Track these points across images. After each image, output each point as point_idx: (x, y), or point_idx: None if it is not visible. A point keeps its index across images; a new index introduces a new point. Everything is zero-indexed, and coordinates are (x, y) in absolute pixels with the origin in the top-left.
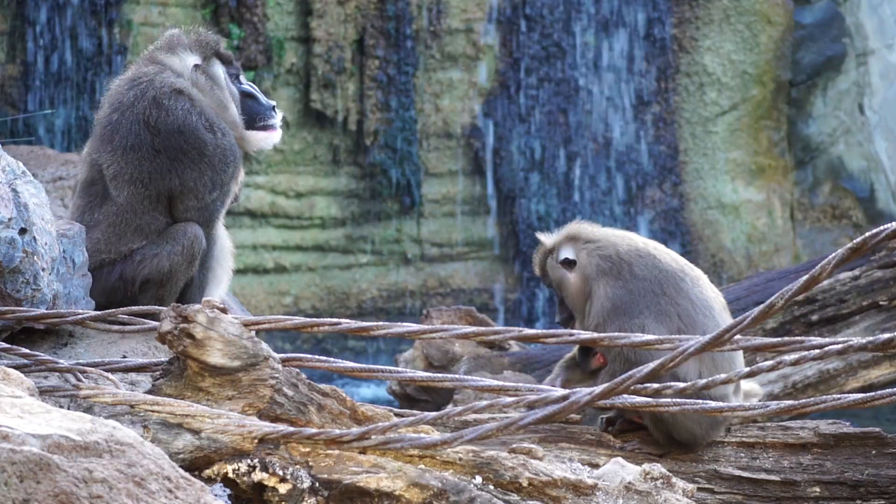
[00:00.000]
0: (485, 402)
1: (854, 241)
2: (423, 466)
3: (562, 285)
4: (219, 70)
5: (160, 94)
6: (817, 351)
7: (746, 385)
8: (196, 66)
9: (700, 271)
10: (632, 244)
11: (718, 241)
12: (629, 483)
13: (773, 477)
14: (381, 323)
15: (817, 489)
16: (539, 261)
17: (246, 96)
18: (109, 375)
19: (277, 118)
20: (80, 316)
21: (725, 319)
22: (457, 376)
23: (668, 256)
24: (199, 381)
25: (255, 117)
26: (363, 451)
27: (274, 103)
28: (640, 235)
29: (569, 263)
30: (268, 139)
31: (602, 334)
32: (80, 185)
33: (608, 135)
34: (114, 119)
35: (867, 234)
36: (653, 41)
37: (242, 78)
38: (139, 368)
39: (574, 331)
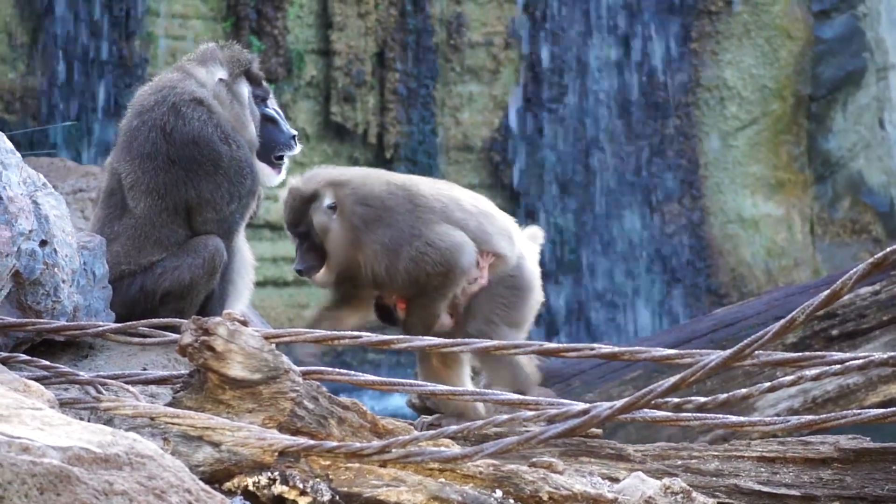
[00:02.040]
0: (505, 416)
1: (875, 257)
2: (443, 480)
3: (328, 234)
4: (244, 88)
5: (180, 101)
6: (838, 366)
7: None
8: (221, 79)
9: (459, 191)
10: (387, 183)
11: (738, 256)
12: (649, 497)
13: (793, 492)
14: (401, 336)
15: None
16: (297, 207)
17: (267, 120)
18: (130, 388)
19: (296, 149)
20: (101, 328)
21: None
22: (477, 390)
23: (425, 187)
24: (219, 393)
25: (270, 146)
26: (383, 464)
27: (296, 133)
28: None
29: (333, 209)
30: (269, 178)
31: (623, 348)
32: (101, 195)
33: (628, 148)
34: (133, 125)
35: (888, 249)
36: (673, 55)
37: (270, 102)
38: (160, 381)
39: (594, 345)
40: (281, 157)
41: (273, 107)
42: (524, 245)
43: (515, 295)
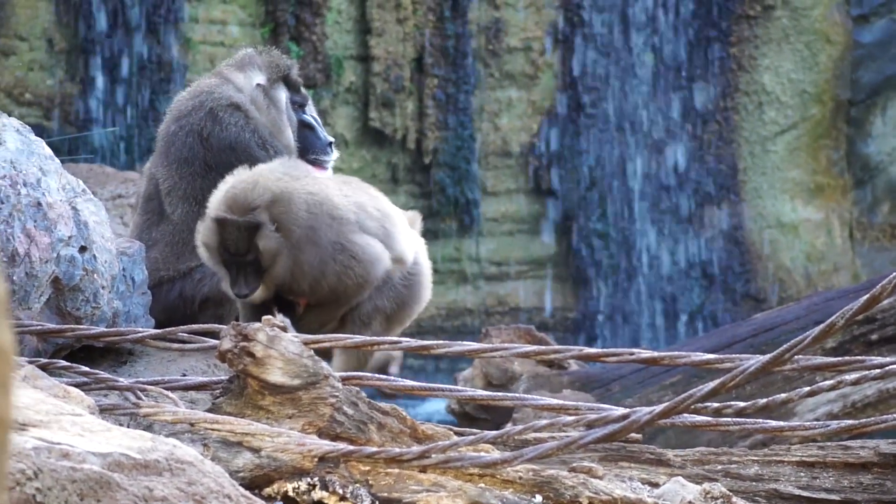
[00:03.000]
0: (545, 421)
1: None
2: (483, 485)
3: (278, 257)
4: (281, 94)
5: (217, 105)
6: (878, 370)
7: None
8: (259, 84)
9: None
10: (307, 197)
11: (777, 261)
12: (689, 502)
13: (833, 496)
14: (440, 342)
15: None
16: (241, 237)
17: (304, 126)
18: (169, 394)
19: (332, 156)
20: (140, 334)
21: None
22: (516, 395)
23: (337, 195)
24: (258, 399)
25: (309, 149)
26: (423, 469)
27: (332, 140)
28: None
29: (278, 232)
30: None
31: (662, 353)
32: (140, 201)
33: (667, 153)
34: (171, 130)
35: None
36: (712, 60)
37: (309, 109)
38: (199, 387)
39: (634, 349)
40: (322, 161)
41: (311, 113)
42: (418, 241)
43: (409, 291)
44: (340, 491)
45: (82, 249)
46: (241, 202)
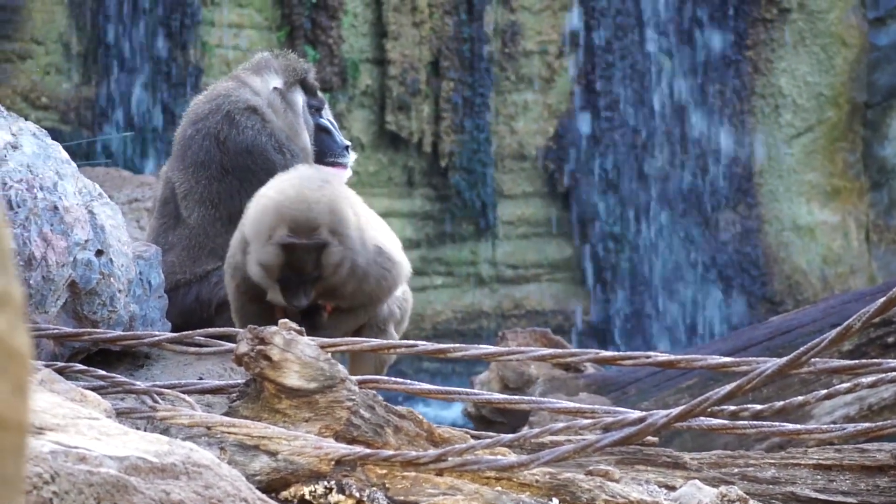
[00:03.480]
0: (561, 425)
1: None
2: (499, 488)
3: (341, 268)
4: (298, 97)
5: (234, 109)
6: (894, 373)
7: None
8: (276, 88)
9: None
10: (347, 203)
11: (794, 263)
12: None
13: (850, 500)
14: (457, 345)
15: None
16: (311, 259)
17: (321, 130)
18: (186, 397)
19: (349, 158)
20: (157, 338)
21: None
22: (533, 398)
23: (355, 199)
24: (275, 402)
25: (326, 153)
26: (440, 472)
27: (349, 144)
28: None
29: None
30: (337, 178)
31: (679, 356)
32: (156, 205)
33: (683, 156)
34: (188, 133)
35: None
36: (728, 63)
37: (325, 113)
38: (216, 390)
39: (650, 353)
40: (341, 162)
41: (327, 117)
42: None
43: (405, 297)
44: (357, 494)
45: (99, 253)
46: (304, 223)
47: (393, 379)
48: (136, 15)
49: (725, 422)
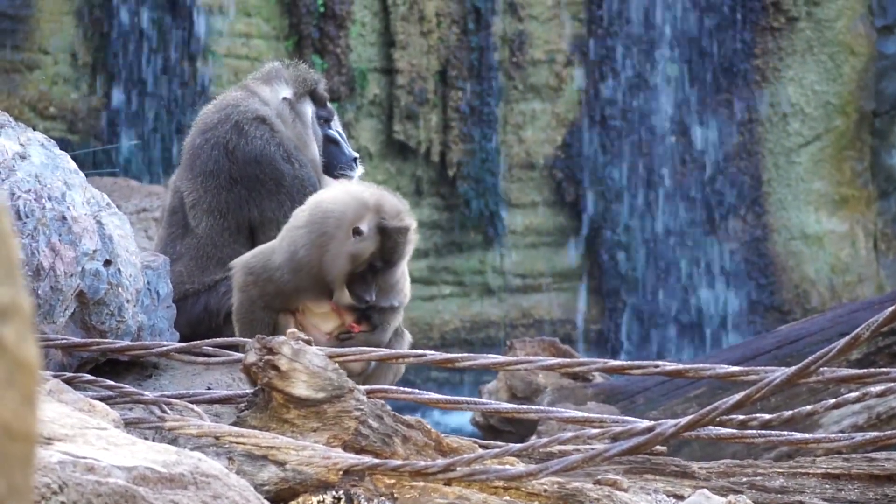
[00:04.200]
0: (569, 434)
1: None
2: (508, 498)
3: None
4: (308, 108)
5: (243, 118)
6: None
7: None
8: (285, 98)
9: None
10: None
11: (802, 272)
12: None
13: None
14: (465, 354)
15: None
16: (403, 241)
17: (329, 141)
18: (194, 407)
19: (357, 171)
20: (165, 347)
21: None
22: (541, 408)
23: None
24: (283, 412)
25: (334, 164)
26: (448, 482)
27: (357, 156)
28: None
29: None
30: None
31: (687, 365)
32: (164, 214)
33: (691, 165)
34: (196, 143)
35: None
36: (736, 72)
37: (334, 124)
38: (224, 400)
39: (658, 362)
40: (348, 175)
41: (336, 128)
42: None
43: None
44: None
45: (107, 263)
46: (393, 208)
47: (401, 389)
48: (143, 24)
49: (734, 431)
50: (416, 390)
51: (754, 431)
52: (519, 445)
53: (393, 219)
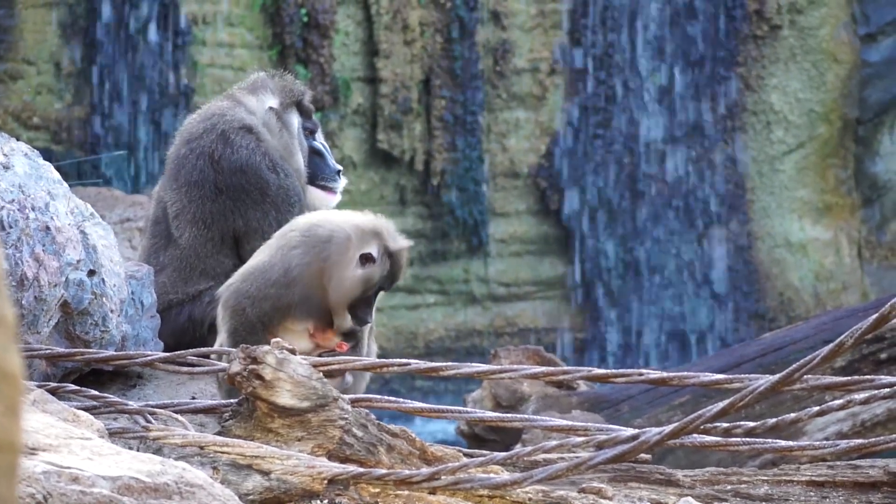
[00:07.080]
0: (554, 442)
1: None
2: None
3: None
4: (294, 119)
5: (229, 128)
6: (887, 390)
7: None
8: (271, 108)
9: None
10: None
11: (786, 280)
12: None
13: None
14: (449, 363)
15: None
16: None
17: (314, 153)
18: (179, 417)
19: (340, 184)
20: (149, 357)
21: None
22: (525, 416)
23: None
24: (268, 422)
25: (317, 175)
26: (433, 491)
27: (341, 168)
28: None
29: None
30: (325, 200)
31: (671, 373)
32: (148, 224)
33: (675, 173)
34: (181, 153)
35: None
36: (719, 80)
37: (318, 136)
38: (208, 410)
39: (642, 370)
40: (331, 187)
41: (321, 140)
42: None
43: None
44: None
45: (91, 273)
46: (391, 231)
47: (385, 398)
48: (127, 34)
49: (718, 439)
50: (401, 399)
51: (739, 439)
52: (503, 454)
53: (395, 241)
